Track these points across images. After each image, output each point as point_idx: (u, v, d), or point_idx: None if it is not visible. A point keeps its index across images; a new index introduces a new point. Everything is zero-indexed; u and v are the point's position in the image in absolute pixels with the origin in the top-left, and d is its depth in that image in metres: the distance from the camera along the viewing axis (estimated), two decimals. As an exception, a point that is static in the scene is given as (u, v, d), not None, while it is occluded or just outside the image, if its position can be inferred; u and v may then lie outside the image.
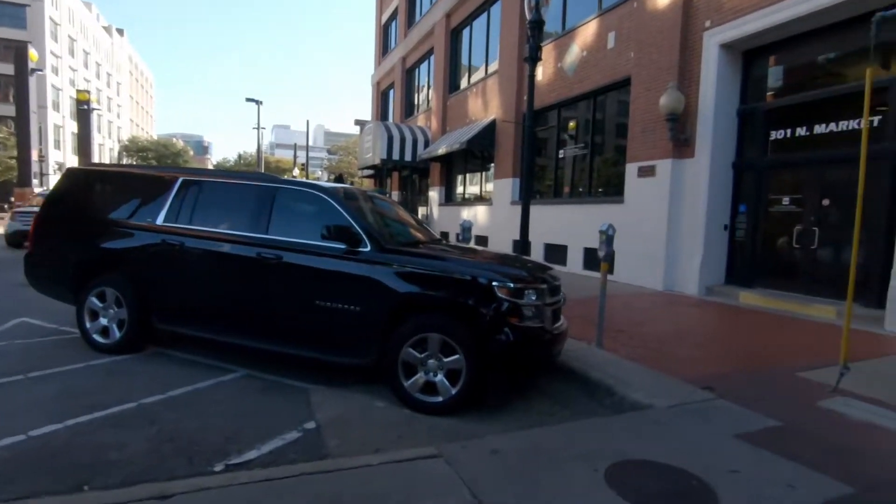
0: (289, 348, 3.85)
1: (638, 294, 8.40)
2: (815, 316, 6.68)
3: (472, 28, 17.44)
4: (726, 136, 8.26)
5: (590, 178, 11.26)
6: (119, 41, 67.83)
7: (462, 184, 18.21)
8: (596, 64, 10.74)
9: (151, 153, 65.84)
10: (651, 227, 8.98)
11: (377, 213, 4.45)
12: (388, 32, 27.57)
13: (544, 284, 3.70)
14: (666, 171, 8.72)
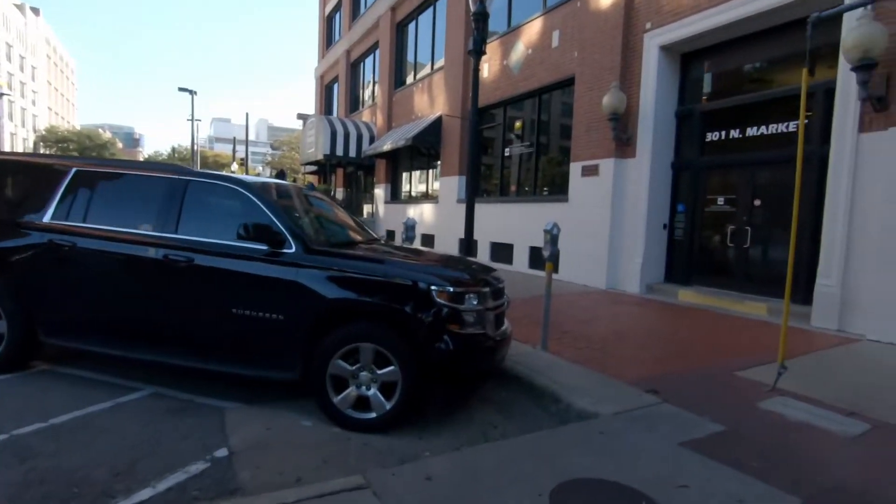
0: (202, 363, 3.40)
1: (582, 293, 8.41)
2: (747, 313, 6.88)
3: (417, 23, 17.11)
4: (666, 136, 8.40)
5: (535, 177, 11.24)
6: (34, 21, 62.19)
7: (408, 181, 17.86)
8: (541, 62, 10.72)
9: (73, 144, 60.90)
10: (594, 227, 9.02)
11: (306, 211, 4.06)
12: (332, 24, 26.71)
13: (486, 287, 3.46)
14: (609, 171, 8.78)
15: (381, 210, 18.91)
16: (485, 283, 3.50)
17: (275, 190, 3.84)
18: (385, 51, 18.54)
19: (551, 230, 4.72)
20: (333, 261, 3.32)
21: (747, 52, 7.54)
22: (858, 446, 3.01)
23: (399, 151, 17.36)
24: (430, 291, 3.16)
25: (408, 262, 3.51)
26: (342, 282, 3.26)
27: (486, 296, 3.42)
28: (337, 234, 4.28)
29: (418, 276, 3.23)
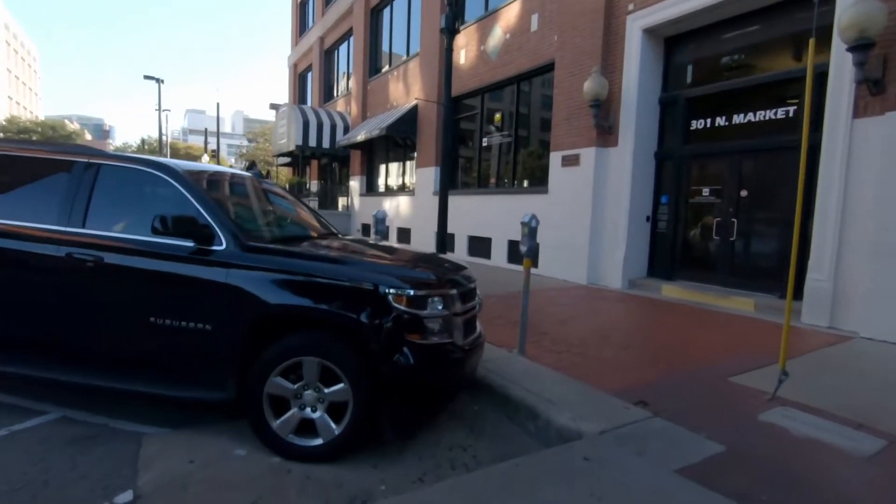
0: (114, 382, 2.86)
1: (562, 289, 8.02)
2: (734, 308, 6.57)
3: (392, 8, 16.47)
4: (649, 124, 8.04)
5: (514, 167, 10.80)
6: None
7: (385, 173, 17.26)
8: (520, 47, 10.25)
9: (36, 135, 58.41)
10: (575, 219, 8.63)
11: (248, 202, 3.53)
12: (305, 11, 25.78)
13: (454, 289, 2.99)
14: (590, 160, 8.38)
15: (357, 203, 18.29)
16: (452, 284, 3.03)
17: (208, 177, 3.29)
18: (359, 37, 17.86)
19: (529, 222, 4.28)
20: (272, 259, 2.81)
21: (732, 36, 7.19)
22: (876, 467, 2.64)
23: (375, 142, 16.76)
24: (387, 295, 2.68)
25: (362, 261, 3.01)
26: (282, 284, 2.75)
27: (454, 299, 2.95)
28: (286, 228, 3.76)
29: (372, 277, 2.74)
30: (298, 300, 2.72)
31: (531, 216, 4.29)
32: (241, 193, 3.60)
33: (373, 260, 3.13)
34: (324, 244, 3.34)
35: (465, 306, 3.11)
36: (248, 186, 3.76)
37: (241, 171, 4.05)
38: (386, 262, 3.11)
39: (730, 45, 7.25)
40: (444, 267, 3.30)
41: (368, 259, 3.11)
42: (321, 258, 2.91)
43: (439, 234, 6.71)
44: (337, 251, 3.15)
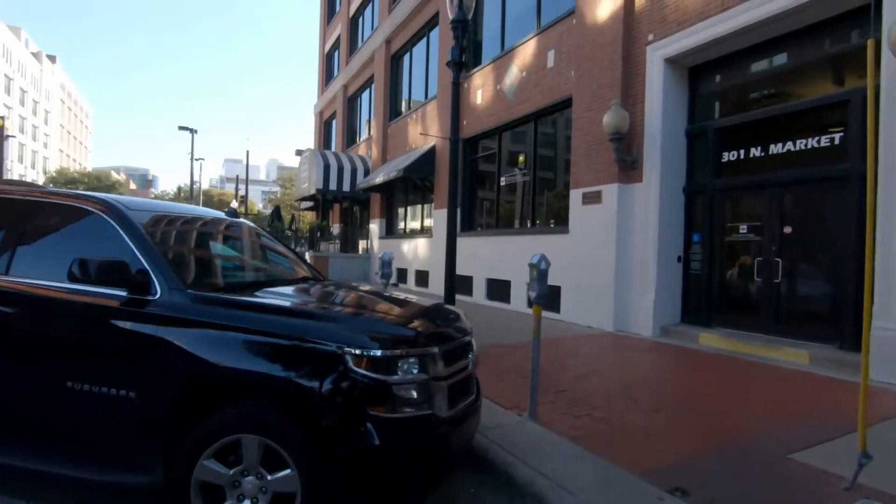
0: (19, 460, 2.37)
1: (586, 336, 7.29)
2: (784, 361, 5.73)
3: (411, 54, 16.69)
4: (675, 158, 7.47)
5: (533, 206, 10.30)
6: (50, 68, 64.13)
7: (403, 216, 17.03)
8: (536, 84, 9.97)
9: (82, 186, 61.70)
10: (599, 260, 7.99)
11: (204, 244, 3.10)
12: (331, 61, 26.70)
13: (437, 346, 2.42)
14: (612, 198, 7.81)
15: (376, 246, 18.02)
16: (436, 340, 2.47)
17: (160, 216, 2.88)
18: (380, 83, 18.12)
19: (538, 264, 3.72)
20: (211, 310, 2.32)
21: (762, 62, 6.68)
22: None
23: (394, 185, 16.64)
24: (344, 356, 2.14)
25: (323, 313, 2.48)
26: (220, 341, 2.25)
27: (436, 359, 2.39)
28: (252, 273, 3.29)
29: (329, 333, 2.21)
30: (236, 361, 2.21)
31: (540, 257, 3.73)
32: (206, 234, 3.18)
33: (341, 311, 2.61)
34: (288, 292, 2.85)
35: (453, 366, 2.54)
36: (214, 227, 3.34)
37: (215, 213, 3.66)
38: (356, 314, 2.59)
39: (760, 71, 6.73)
40: (430, 318, 2.75)
41: (335, 310, 2.60)
42: (271, 309, 2.41)
43: (447, 278, 6.18)
44: (299, 300, 2.66)
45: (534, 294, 3.75)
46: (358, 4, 21.88)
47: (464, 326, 2.87)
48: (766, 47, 6.53)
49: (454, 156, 6.09)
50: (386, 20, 17.56)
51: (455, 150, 6.09)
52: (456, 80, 6.10)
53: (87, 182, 62.05)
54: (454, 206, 6.16)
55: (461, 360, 2.67)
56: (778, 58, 6.51)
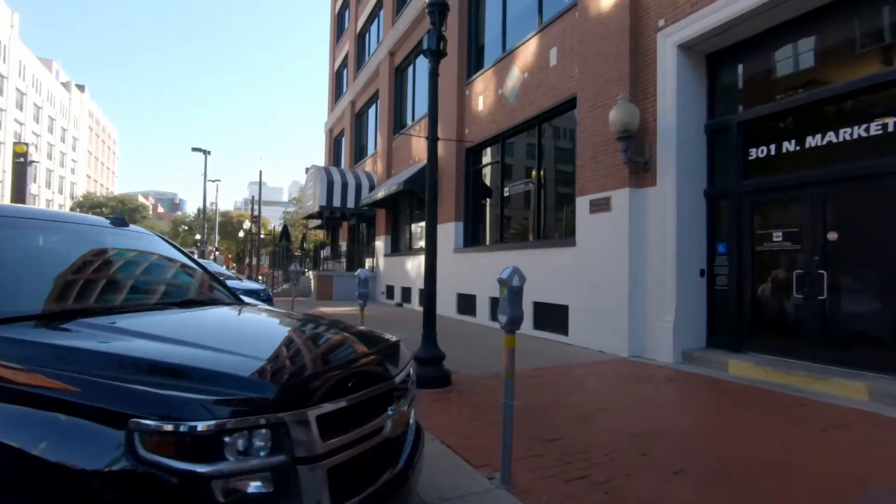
0: None
1: (595, 364, 6.31)
2: (837, 396, 4.68)
3: (415, 66, 16.16)
4: (694, 157, 6.54)
5: (539, 218, 9.42)
6: (78, 97, 66.37)
7: (408, 232, 16.28)
8: (539, 85, 9.18)
9: (107, 209, 63.12)
10: (610, 276, 7.04)
11: (37, 254, 2.32)
12: (340, 79, 26.52)
13: (309, 408, 1.56)
14: (623, 204, 6.89)
15: (382, 264, 17.29)
16: (317, 394, 1.62)
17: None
18: (384, 97, 17.63)
19: (509, 280, 2.85)
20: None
21: (792, 43, 5.76)
22: None
23: (399, 200, 15.97)
24: (131, 432, 1.31)
25: (124, 355, 1.62)
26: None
27: (308, 426, 1.53)
28: (108, 295, 2.46)
29: (113, 391, 1.39)
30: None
31: (512, 271, 2.86)
32: (55, 245, 2.42)
33: (163, 353, 1.72)
34: (133, 321, 2.04)
35: (352, 433, 1.69)
36: (77, 237, 2.57)
37: (95, 219, 2.91)
38: (186, 361, 1.68)
39: (790, 54, 5.81)
40: (323, 359, 1.91)
41: (152, 352, 1.71)
42: (61, 353, 1.59)
43: (426, 297, 5.32)
44: (116, 336, 1.83)
45: (504, 319, 2.88)
46: (364, 20, 21.64)
47: (385, 367, 2.02)
48: (798, 24, 5.63)
49: (432, 156, 5.30)
50: (390, 32, 17.14)
51: (433, 150, 5.30)
52: (434, 70, 5.34)
53: (112, 206, 63.51)
54: (433, 215, 5.35)
55: (371, 419, 1.81)
56: (813, 36, 5.59)
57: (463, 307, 11.45)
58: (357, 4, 22.82)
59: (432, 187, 5.31)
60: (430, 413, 4.14)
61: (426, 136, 5.26)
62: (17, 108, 47.98)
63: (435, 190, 5.34)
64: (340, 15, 26.70)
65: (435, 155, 5.34)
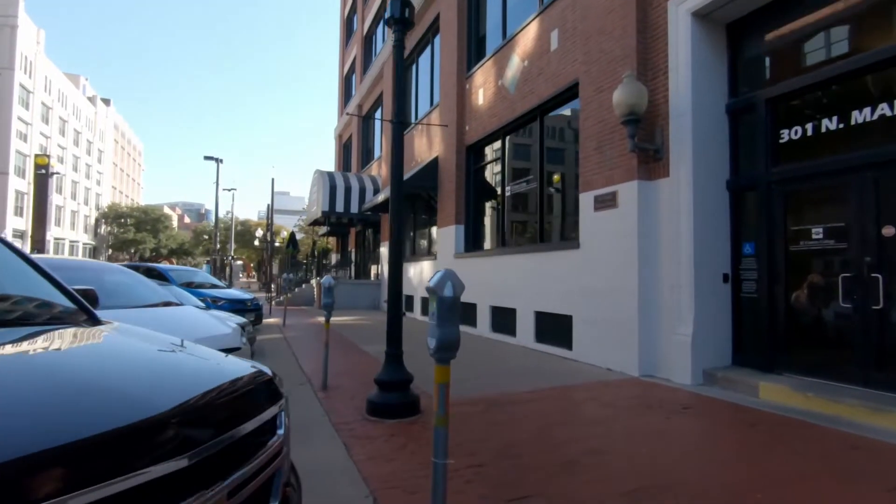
0: None
1: (600, 385, 5.39)
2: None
3: (418, 65, 15.49)
4: (714, 142, 5.60)
5: (541, 218, 8.53)
6: (104, 110, 67.99)
7: (412, 237, 15.54)
8: (540, 72, 8.34)
9: (131, 220, 64.28)
10: (617, 282, 6.12)
11: None
12: (349, 83, 26.09)
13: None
14: (631, 200, 5.98)
15: (386, 271, 16.55)
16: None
17: None
18: (388, 97, 16.99)
19: (438, 287, 2.03)
20: None
21: (829, 3, 4.80)
22: None
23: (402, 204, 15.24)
24: None
25: None
26: None
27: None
28: None
29: None
30: None
31: (443, 275, 2.05)
32: None
33: None
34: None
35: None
36: None
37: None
38: None
39: (829, 13, 4.84)
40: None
41: None
42: None
43: (390, 306, 4.52)
44: None
45: (433, 343, 2.05)
46: (370, 21, 21.14)
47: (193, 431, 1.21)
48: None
49: (397, 141, 4.52)
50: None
51: (398, 134, 4.52)
52: (398, 41, 4.56)
53: (136, 216, 64.69)
54: (397, 214, 4.55)
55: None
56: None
57: (464, 317, 10.59)
58: (364, 6, 22.37)
59: (397, 181, 4.52)
60: (377, 453, 3.33)
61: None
62: (43, 121, 49.18)
63: (400, 184, 4.55)
64: (349, 19, 26.33)
65: (400, 141, 4.55)
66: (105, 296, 4.78)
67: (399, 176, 4.53)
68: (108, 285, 4.95)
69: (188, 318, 4.92)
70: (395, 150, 4.52)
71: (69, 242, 55.52)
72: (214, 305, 9.90)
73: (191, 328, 4.62)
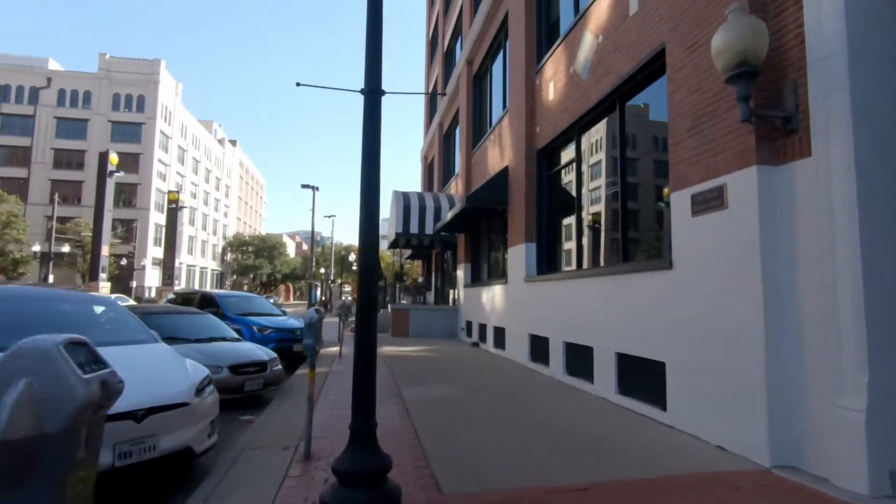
0: None
1: (705, 481, 3.46)
2: None
3: (491, 73, 14.25)
4: (887, 98, 3.52)
5: (623, 229, 6.63)
6: (231, 150, 76.07)
7: (487, 258, 14.06)
8: (616, 47, 6.60)
9: (251, 247, 70.57)
10: (727, 314, 4.14)
11: None
12: (433, 103, 25.65)
13: None
14: (748, 195, 4.02)
15: (462, 296, 15.23)
16: None
17: None
18: (464, 110, 15.96)
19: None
20: None
21: None
22: None
23: (479, 222, 13.91)
24: None
25: None
26: None
27: None
28: None
29: None
30: None
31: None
32: None
33: None
34: None
35: None
36: None
37: None
38: None
39: None
40: None
41: None
42: None
43: (357, 363, 3.11)
44: None
45: None
46: (449, 36, 20.51)
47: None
48: None
49: (370, 112, 3.17)
50: (467, 37, 15.56)
51: (372, 104, 3.17)
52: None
53: (255, 244, 70.90)
54: (369, 219, 3.18)
55: None
56: None
57: (536, 353, 8.84)
58: (444, 23, 21.85)
59: (371, 177, 3.17)
60: None
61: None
62: (179, 162, 55.95)
63: (374, 182, 3.18)
64: (433, 40, 26.08)
65: (374, 113, 3.20)
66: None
67: (375, 175, 3.17)
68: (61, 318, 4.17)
69: (141, 365, 3.95)
70: (367, 124, 3.18)
71: (199, 269, 61.96)
72: (260, 335, 9.27)
73: (135, 381, 3.63)
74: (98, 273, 28.65)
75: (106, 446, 3.14)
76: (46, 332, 3.94)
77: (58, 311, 4.19)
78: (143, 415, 3.33)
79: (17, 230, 35.34)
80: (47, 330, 3.97)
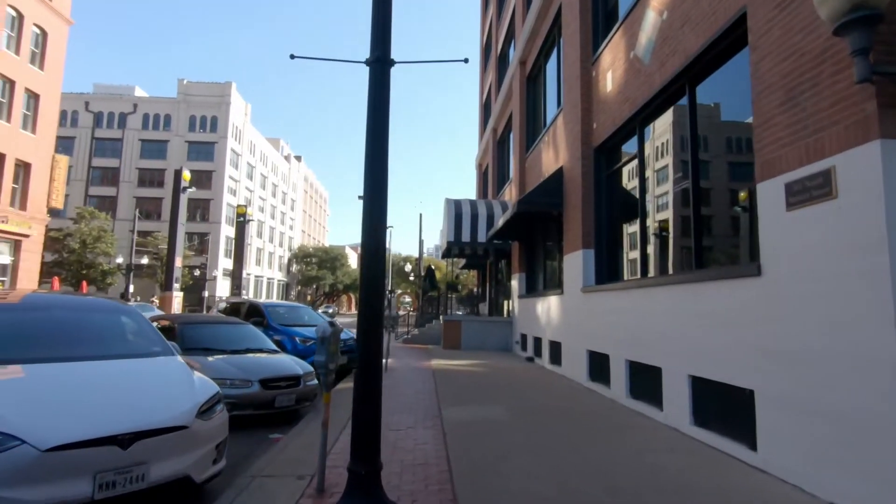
0: None
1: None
2: None
3: (544, 73, 13.51)
4: None
5: (696, 231, 5.69)
6: (297, 165, 79.28)
7: (543, 267, 13.21)
8: (685, 21, 5.75)
9: (315, 259, 72.89)
10: (838, 332, 3.22)
11: None
12: (487, 111, 25.14)
13: None
14: (867, 180, 3.11)
15: (517, 307, 14.44)
16: None
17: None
18: (517, 113, 15.28)
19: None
20: None
21: None
22: None
23: (533, 229, 13.15)
24: None
25: None
26: None
27: None
28: None
29: None
30: None
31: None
32: None
33: None
34: None
35: None
36: None
37: None
38: None
39: None
40: None
41: None
42: None
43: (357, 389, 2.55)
44: None
45: None
46: (503, 39, 19.95)
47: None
48: None
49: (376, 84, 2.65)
50: (519, 39, 14.93)
51: (377, 74, 2.65)
52: None
53: (319, 255, 73.14)
54: (372, 221, 2.64)
55: None
56: None
57: (595, 371, 7.95)
58: (498, 26, 21.34)
59: (376, 169, 2.64)
60: None
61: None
62: (248, 178, 58.89)
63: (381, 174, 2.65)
64: (487, 45, 25.63)
65: (380, 85, 2.67)
66: (28, 344, 3.71)
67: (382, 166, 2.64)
68: (49, 327, 3.94)
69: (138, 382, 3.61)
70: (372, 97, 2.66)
71: (266, 279, 64.62)
72: (303, 346, 9.00)
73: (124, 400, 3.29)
74: (171, 283, 30.27)
75: (84, 475, 2.77)
76: (43, 344, 3.72)
77: (59, 322, 3.97)
78: (129, 439, 2.93)
79: (106, 244, 38.38)
80: (43, 341, 3.75)
